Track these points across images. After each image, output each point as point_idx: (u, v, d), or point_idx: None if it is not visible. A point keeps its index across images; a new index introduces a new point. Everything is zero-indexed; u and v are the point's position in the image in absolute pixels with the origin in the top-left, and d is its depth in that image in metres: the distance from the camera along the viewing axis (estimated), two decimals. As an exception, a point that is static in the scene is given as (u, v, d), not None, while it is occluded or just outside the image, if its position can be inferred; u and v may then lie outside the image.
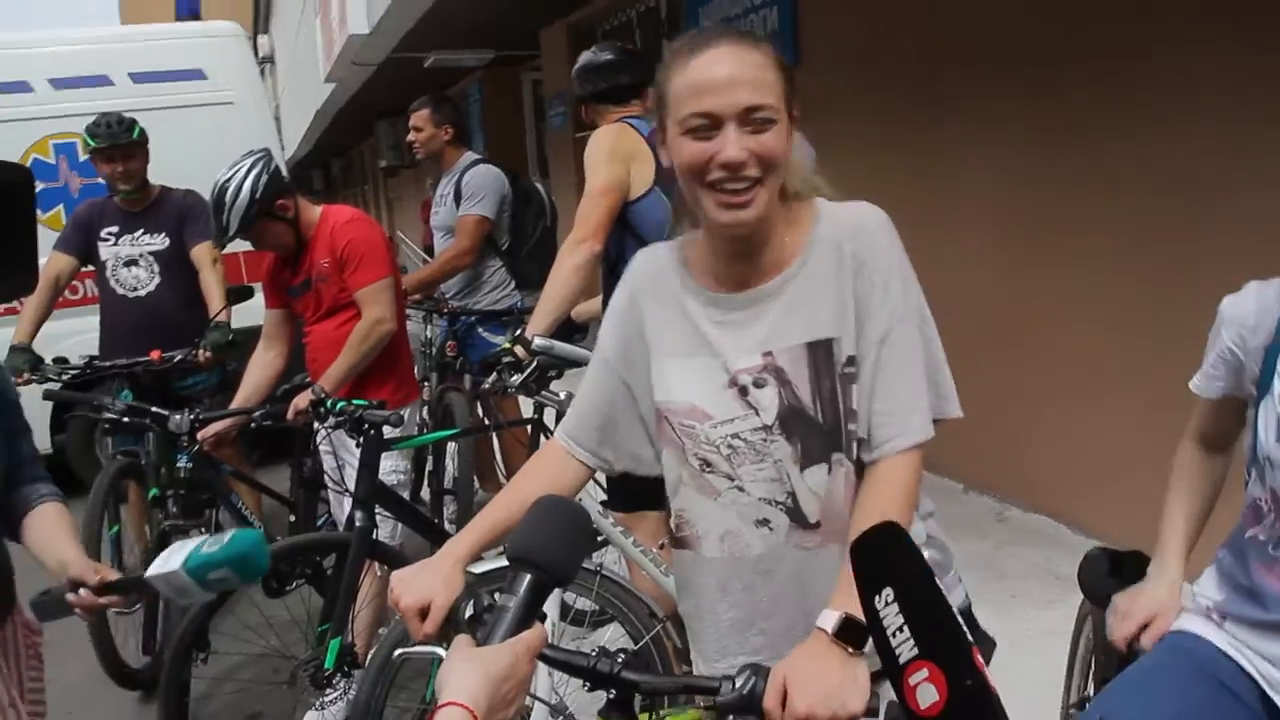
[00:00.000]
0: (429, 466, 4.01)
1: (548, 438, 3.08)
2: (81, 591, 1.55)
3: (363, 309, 2.93)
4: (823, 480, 1.27)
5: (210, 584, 1.45)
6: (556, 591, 2.20)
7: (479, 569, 1.33)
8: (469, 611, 1.10)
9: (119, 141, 3.68)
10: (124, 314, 3.85)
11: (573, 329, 3.14)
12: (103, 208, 3.89)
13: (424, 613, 1.21)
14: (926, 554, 1.34)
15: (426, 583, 1.22)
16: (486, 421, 4.12)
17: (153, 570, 1.46)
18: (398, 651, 1.27)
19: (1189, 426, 1.60)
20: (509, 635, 0.96)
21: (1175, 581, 1.56)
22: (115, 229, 3.84)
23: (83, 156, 3.88)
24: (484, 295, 4.11)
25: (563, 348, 2.56)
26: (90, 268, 3.89)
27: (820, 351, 1.26)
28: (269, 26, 20.76)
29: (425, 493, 4.25)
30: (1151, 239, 3.25)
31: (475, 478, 3.94)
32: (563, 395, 2.70)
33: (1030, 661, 2.51)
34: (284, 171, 3.03)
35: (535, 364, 2.55)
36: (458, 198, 4.02)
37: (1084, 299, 3.55)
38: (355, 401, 2.61)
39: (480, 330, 4.08)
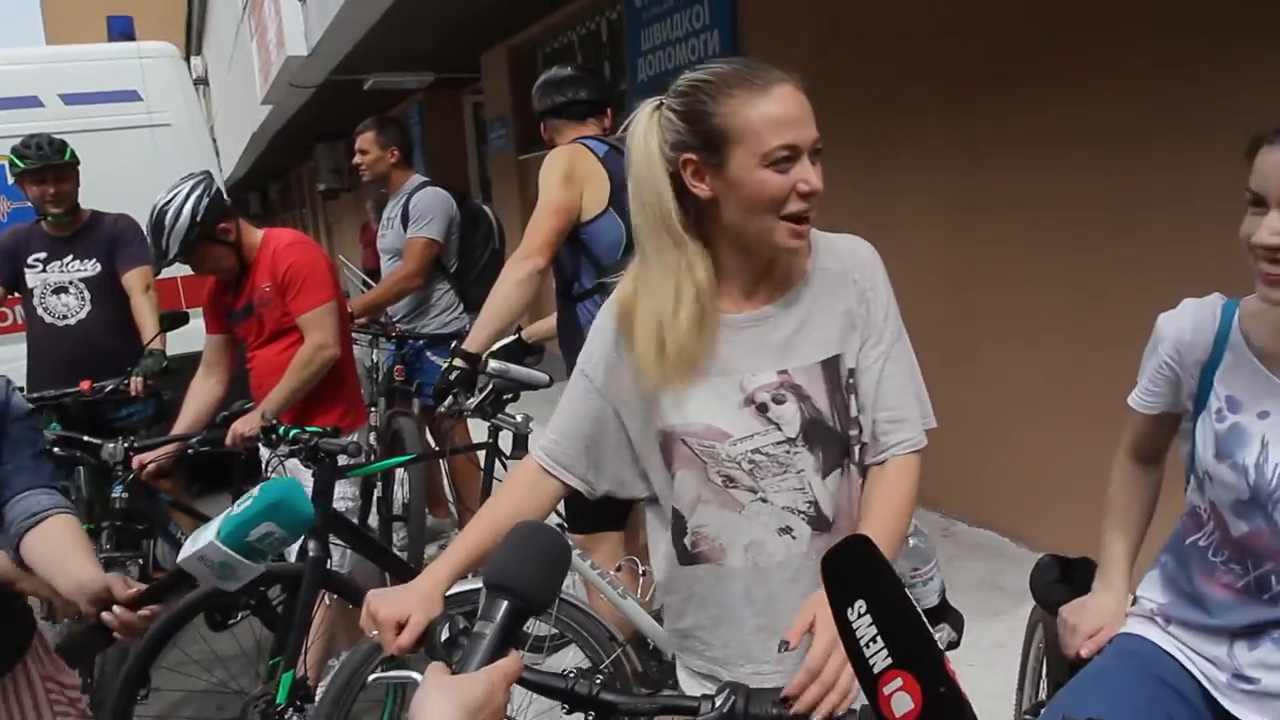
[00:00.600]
0: (378, 493, 3.95)
1: (503, 462, 3.06)
2: (116, 610, 1.39)
3: (305, 333, 2.88)
4: (837, 483, 1.37)
5: (254, 548, 1.33)
6: None
7: (449, 591, 1.31)
8: (445, 634, 1.08)
9: (51, 163, 3.57)
10: (53, 343, 3.71)
11: (526, 350, 3.13)
12: (29, 233, 3.75)
13: (400, 627, 1.20)
14: (913, 542, 1.44)
15: (405, 599, 1.22)
16: (436, 446, 4.08)
17: (185, 554, 1.33)
18: (372, 676, 1.25)
19: (1123, 442, 1.64)
20: (485, 663, 0.94)
21: (1120, 595, 1.61)
22: (43, 255, 3.71)
23: (11, 180, 3.75)
24: (432, 319, 4.07)
25: (518, 370, 2.55)
26: (17, 295, 3.76)
27: (831, 368, 1.36)
28: (202, 48, 20.43)
29: (373, 519, 4.18)
30: (1089, 257, 3.35)
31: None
32: (519, 418, 2.68)
33: (981, 674, 2.55)
34: (224, 194, 2.98)
35: (490, 386, 2.54)
36: (405, 220, 3.98)
37: (1025, 317, 3.64)
38: (309, 429, 2.56)
39: (429, 354, 4.04)
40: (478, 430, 3.29)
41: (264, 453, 2.80)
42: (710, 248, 1.34)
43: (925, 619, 0.92)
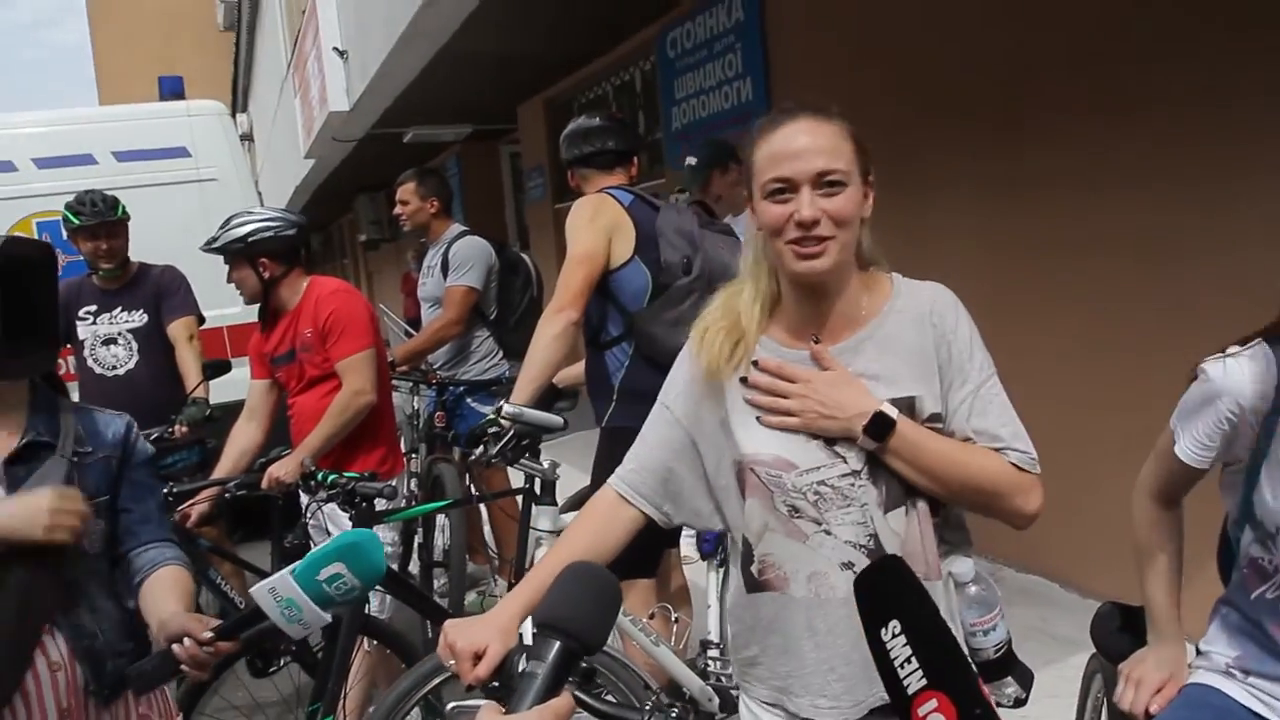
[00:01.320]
0: (418, 539, 3.96)
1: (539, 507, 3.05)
2: (186, 642, 1.45)
3: (343, 379, 2.92)
4: (902, 521, 1.36)
5: (324, 590, 1.36)
6: None
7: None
8: (521, 665, 1.08)
9: (107, 219, 3.67)
10: (102, 393, 3.78)
11: (557, 395, 3.13)
12: (80, 287, 3.86)
13: (477, 658, 1.23)
14: (973, 589, 1.41)
15: (481, 630, 1.26)
16: (475, 493, 4.09)
17: (258, 587, 1.38)
18: (450, 705, 1.26)
19: (1146, 483, 1.62)
20: (537, 703, 0.94)
21: (1179, 646, 1.57)
22: (93, 308, 3.82)
23: (65, 236, 3.87)
24: (472, 365, 4.10)
25: (532, 414, 2.53)
26: (69, 346, 3.86)
27: (902, 407, 1.36)
28: (247, 105, 21.02)
29: (414, 565, 4.18)
30: (1131, 299, 3.31)
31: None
32: (545, 464, 2.68)
33: (1033, 724, 2.48)
34: (297, 247, 3.06)
35: (512, 433, 2.54)
36: (445, 269, 4.04)
37: (1066, 359, 3.60)
38: (347, 474, 2.58)
39: (469, 400, 4.06)
40: (519, 478, 3.28)
41: (304, 498, 2.82)
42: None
43: (958, 642, 0.90)
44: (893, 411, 1.32)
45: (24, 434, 1.56)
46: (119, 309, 3.82)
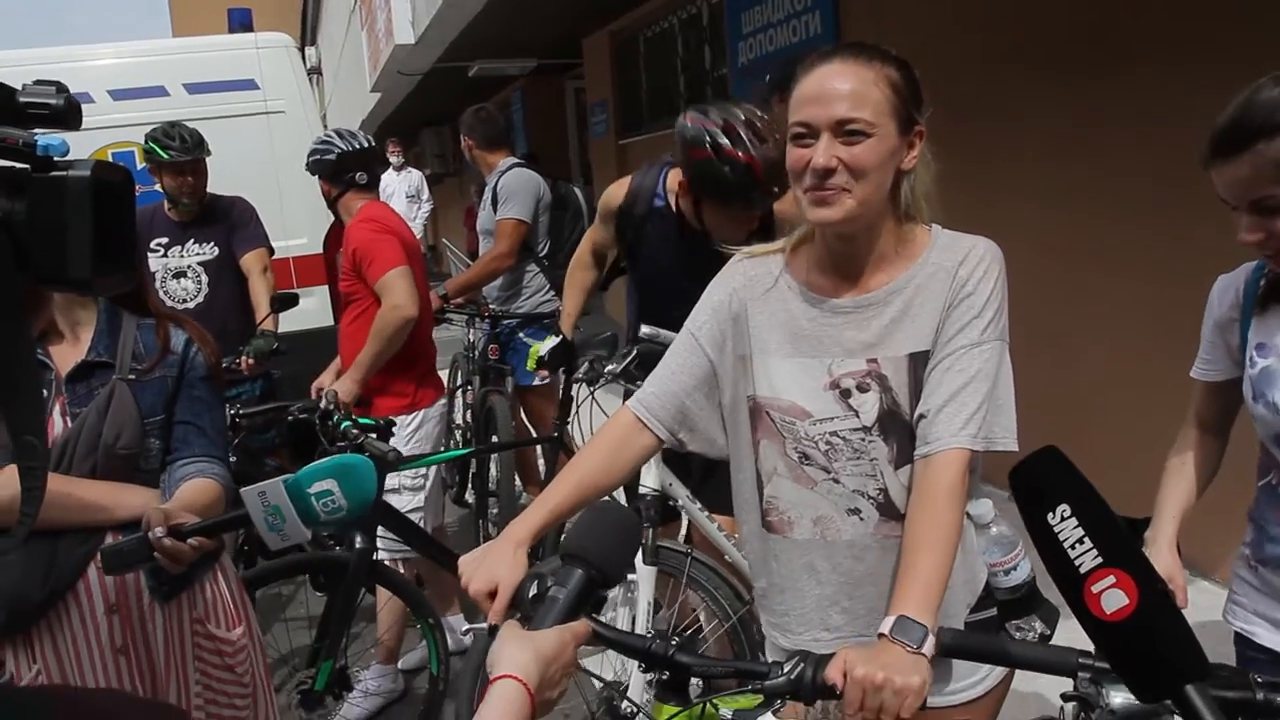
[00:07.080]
0: (473, 469, 4.05)
1: (569, 453, 3.06)
2: (158, 530, 1.43)
3: (382, 300, 2.95)
4: (911, 475, 1.34)
5: (311, 506, 1.37)
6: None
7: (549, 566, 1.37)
8: (532, 591, 1.14)
9: (198, 156, 3.68)
10: None
11: (572, 350, 3.10)
12: (152, 216, 3.82)
13: (492, 595, 1.26)
14: (994, 530, 1.42)
15: (491, 568, 1.27)
16: (529, 424, 4.16)
17: (248, 489, 1.39)
18: (464, 627, 1.33)
19: (1189, 412, 1.66)
20: (556, 624, 1.01)
21: (1170, 554, 1.58)
22: (165, 240, 3.81)
23: (141, 165, 3.94)
24: (525, 300, 4.12)
25: (668, 335, 2.49)
26: None
27: (919, 362, 1.34)
28: (316, 39, 21.15)
29: (470, 495, 4.29)
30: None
31: (518, 479, 3.98)
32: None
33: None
34: (347, 171, 3.17)
35: (635, 353, 2.54)
36: (495, 202, 4.06)
37: (1137, 317, 3.51)
38: (361, 421, 2.59)
39: (522, 335, 4.08)
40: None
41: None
42: None
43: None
44: (889, 622, 1.14)
45: (87, 353, 1.60)
46: (191, 241, 3.81)
